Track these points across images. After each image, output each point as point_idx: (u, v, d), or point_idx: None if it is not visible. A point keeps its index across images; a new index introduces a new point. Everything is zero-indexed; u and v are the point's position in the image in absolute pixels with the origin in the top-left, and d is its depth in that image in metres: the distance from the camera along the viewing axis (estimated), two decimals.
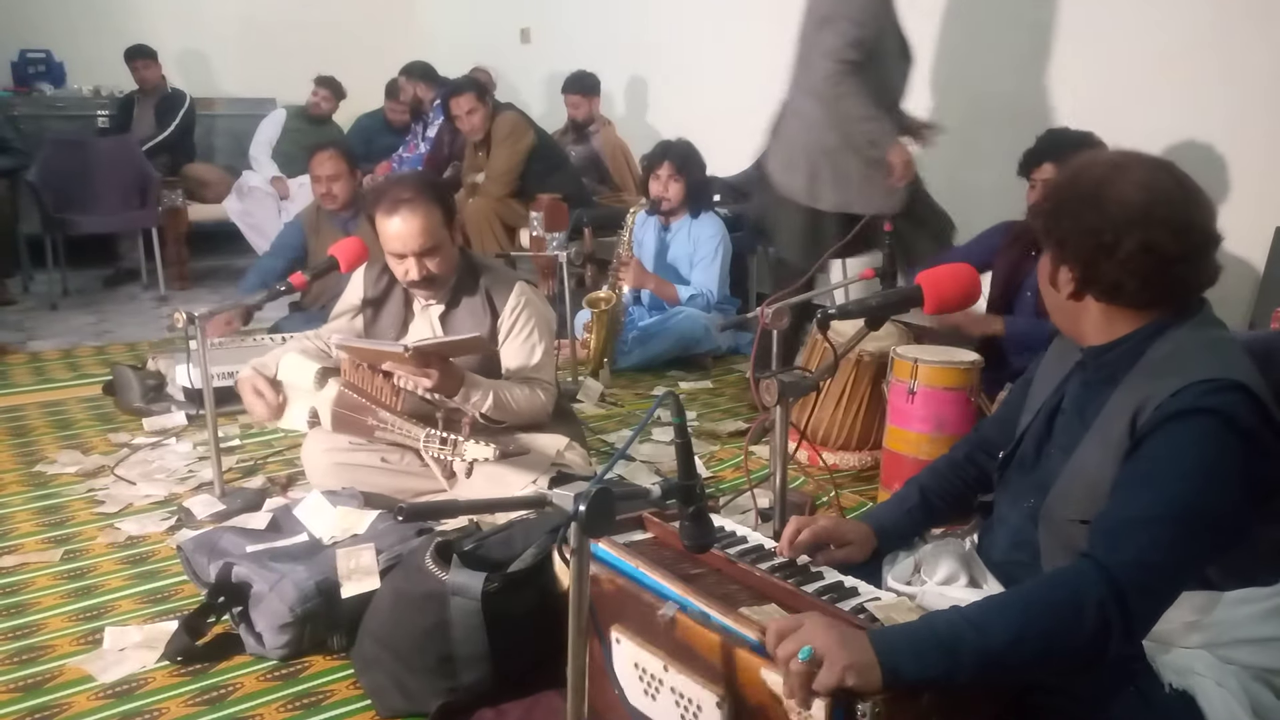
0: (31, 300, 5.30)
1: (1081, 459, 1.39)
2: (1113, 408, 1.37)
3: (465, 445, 2.17)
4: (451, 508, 1.36)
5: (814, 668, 1.14)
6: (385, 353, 2.26)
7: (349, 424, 2.41)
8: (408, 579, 1.82)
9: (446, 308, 2.52)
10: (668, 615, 1.34)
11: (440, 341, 2.35)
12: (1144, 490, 1.25)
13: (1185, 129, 3.34)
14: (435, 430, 2.22)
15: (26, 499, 2.72)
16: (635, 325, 4.08)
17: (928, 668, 1.16)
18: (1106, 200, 1.33)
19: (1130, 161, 1.38)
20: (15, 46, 6.28)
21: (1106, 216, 1.33)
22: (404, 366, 2.24)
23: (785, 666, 1.17)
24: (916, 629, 1.22)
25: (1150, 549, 1.21)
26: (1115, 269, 1.33)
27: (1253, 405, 1.26)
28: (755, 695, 1.24)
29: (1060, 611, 1.19)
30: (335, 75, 6.12)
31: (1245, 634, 1.33)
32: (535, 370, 2.48)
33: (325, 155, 4.01)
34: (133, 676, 1.88)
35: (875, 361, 2.89)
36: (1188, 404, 1.25)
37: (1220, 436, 1.24)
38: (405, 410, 2.33)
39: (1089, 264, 1.35)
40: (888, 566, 1.65)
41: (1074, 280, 1.38)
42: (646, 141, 4.54)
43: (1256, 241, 3.19)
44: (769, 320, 2.32)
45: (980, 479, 1.69)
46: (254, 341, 3.63)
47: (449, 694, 1.72)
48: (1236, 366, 1.30)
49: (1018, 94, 3.82)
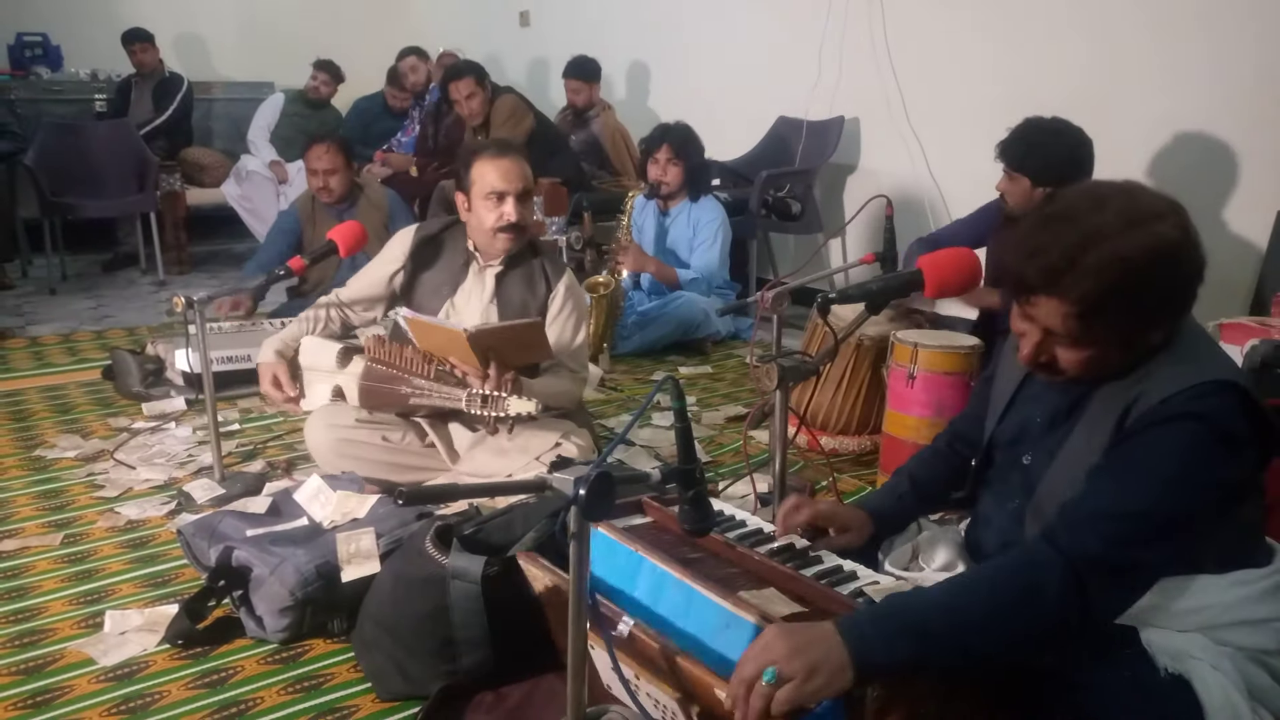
0: (30, 285, 5.30)
1: (1068, 459, 1.40)
2: (1098, 405, 1.37)
3: (509, 401, 2.17)
4: (452, 492, 1.36)
5: (776, 689, 1.12)
6: (446, 331, 2.29)
7: (379, 396, 2.42)
8: (408, 563, 1.82)
9: (505, 268, 2.58)
10: (623, 634, 1.33)
11: (498, 326, 2.38)
12: (1119, 485, 1.25)
13: (1185, 115, 3.32)
14: (477, 390, 2.23)
15: (26, 483, 2.72)
16: (634, 310, 4.08)
17: (898, 653, 1.16)
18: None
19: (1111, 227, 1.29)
20: (12, 29, 6.24)
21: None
22: (465, 365, 2.28)
23: (745, 688, 1.14)
24: (881, 614, 1.21)
25: (1113, 543, 1.22)
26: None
27: (1241, 404, 1.27)
28: (718, 708, 1.22)
29: (1025, 596, 1.20)
30: (334, 59, 6.09)
31: (1239, 616, 1.33)
32: (574, 353, 2.57)
33: (322, 149, 3.98)
34: (133, 660, 1.89)
35: (875, 346, 2.89)
36: (1177, 409, 1.25)
37: (1204, 444, 1.24)
38: (436, 376, 2.34)
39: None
40: (884, 553, 1.65)
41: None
42: (646, 126, 4.53)
43: (1258, 225, 3.19)
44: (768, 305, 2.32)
45: (965, 467, 1.70)
46: (253, 326, 3.63)
47: (449, 677, 1.73)
48: (1223, 362, 1.32)
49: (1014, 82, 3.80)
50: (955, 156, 4.09)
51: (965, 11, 4.02)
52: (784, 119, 4.88)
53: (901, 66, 4.26)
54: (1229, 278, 3.22)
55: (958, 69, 4.07)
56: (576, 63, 5.34)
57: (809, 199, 4.60)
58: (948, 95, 4.13)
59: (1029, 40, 3.80)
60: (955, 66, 4.08)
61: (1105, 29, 3.55)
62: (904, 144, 4.30)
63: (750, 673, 1.14)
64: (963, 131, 3.98)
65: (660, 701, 1.32)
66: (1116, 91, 3.49)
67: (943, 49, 4.13)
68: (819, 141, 4.64)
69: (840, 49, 4.55)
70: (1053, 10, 3.71)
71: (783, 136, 4.86)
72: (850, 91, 4.55)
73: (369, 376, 2.42)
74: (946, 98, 4.13)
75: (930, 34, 4.17)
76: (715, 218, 4.16)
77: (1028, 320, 1.34)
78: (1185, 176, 3.35)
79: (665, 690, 1.29)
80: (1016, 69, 3.84)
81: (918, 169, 4.24)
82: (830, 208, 4.72)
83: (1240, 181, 3.25)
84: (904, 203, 4.12)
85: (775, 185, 4.55)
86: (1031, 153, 2.75)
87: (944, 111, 4.15)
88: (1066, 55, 3.67)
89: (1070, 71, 3.64)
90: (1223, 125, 3.26)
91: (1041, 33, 3.76)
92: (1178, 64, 3.35)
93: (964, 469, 1.69)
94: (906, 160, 4.29)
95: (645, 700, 1.35)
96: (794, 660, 1.13)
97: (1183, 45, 3.33)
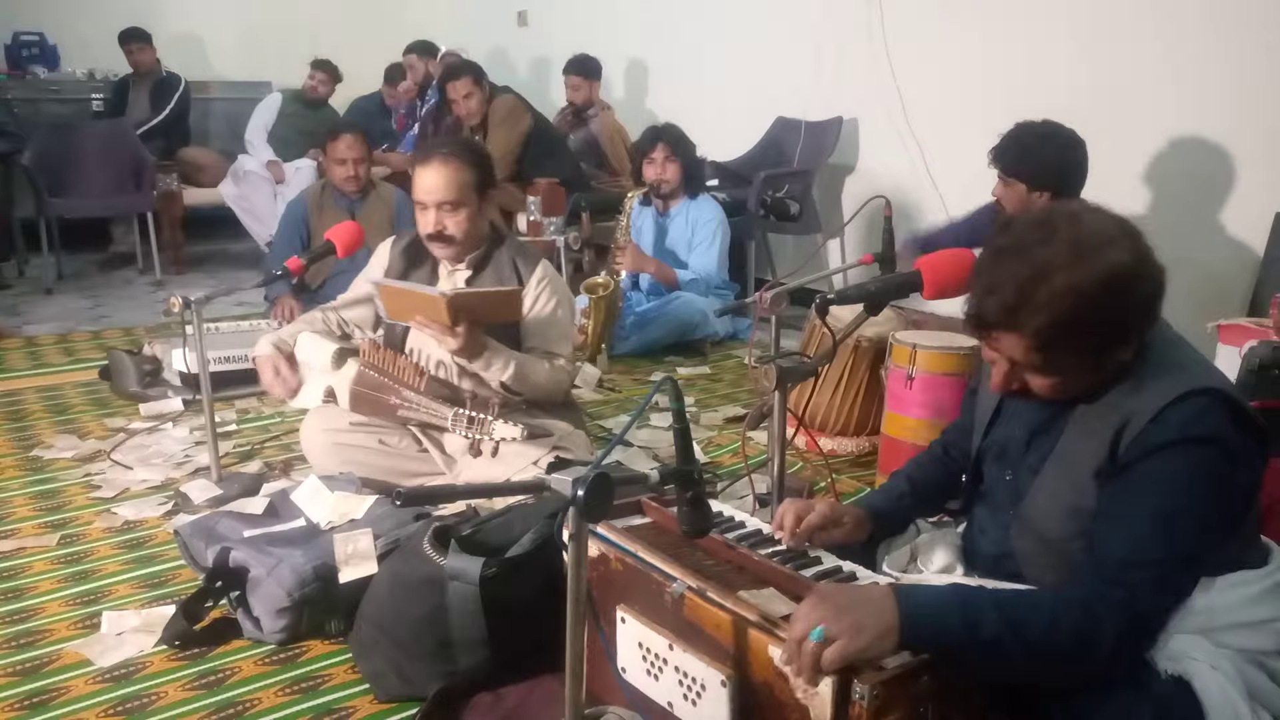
0: (26, 284, 5.28)
1: (1053, 479, 1.41)
2: (1078, 425, 1.38)
3: (494, 424, 2.16)
4: (450, 492, 1.36)
5: (825, 647, 1.15)
6: (421, 295, 2.26)
7: (369, 403, 2.41)
8: (406, 564, 1.82)
9: (474, 273, 2.53)
10: (677, 592, 1.35)
11: (478, 291, 2.36)
12: (1148, 530, 1.27)
13: (1185, 117, 3.33)
14: (463, 409, 2.22)
15: (23, 484, 2.71)
16: (633, 310, 4.07)
17: (945, 636, 1.19)
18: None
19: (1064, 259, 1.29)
20: (9, 29, 6.22)
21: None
22: (433, 323, 2.23)
23: (796, 646, 1.18)
24: (944, 594, 1.25)
25: (1161, 593, 1.26)
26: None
27: (1231, 412, 1.28)
28: (762, 673, 1.25)
29: (1082, 629, 1.22)
30: (331, 58, 6.08)
31: (1238, 618, 1.34)
32: (556, 345, 2.51)
33: (351, 138, 4.00)
34: (131, 660, 1.88)
35: (873, 347, 2.89)
36: (1175, 433, 1.27)
37: (1214, 465, 1.27)
38: (427, 391, 2.33)
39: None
40: (883, 554, 1.65)
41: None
42: (644, 126, 4.52)
43: (1257, 226, 3.19)
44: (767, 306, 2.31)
45: (960, 473, 1.70)
46: (250, 326, 3.62)
47: (447, 678, 1.73)
48: (1204, 367, 1.35)
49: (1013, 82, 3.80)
50: (954, 157, 4.08)
51: (964, 11, 4.02)
52: (782, 119, 4.87)
53: (900, 67, 4.26)
54: (1227, 280, 3.23)
55: (957, 69, 4.07)
56: (578, 60, 5.34)
57: (807, 199, 4.60)
58: (947, 95, 4.12)
59: (1028, 40, 3.80)
60: (954, 67, 4.08)
61: (1105, 29, 3.55)
62: (903, 144, 4.30)
63: (800, 631, 1.17)
64: (962, 132, 3.97)
65: (690, 674, 1.33)
66: (1116, 92, 3.49)
67: (941, 49, 4.13)
68: (817, 142, 4.64)
69: (839, 49, 4.55)
70: (1052, 11, 3.71)
71: (781, 137, 4.86)
72: (849, 92, 4.55)
73: (361, 382, 2.41)
74: (945, 98, 4.13)
75: (929, 34, 4.17)
76: (714, 218, 4.16)
77: (995, 352, 1.37)
78: (1184, 179, 3.35)
79: (701, 658, 1.30)
80: (1016, 69, 3.84)
81: (916, 170, 4.24)
82: (829, 208, 4.71)
83: (1239, 184, 3.25)
84: (903, 203, 4.12)
85: (774, 186, 4.55)
86: (1024, 157, 2.74)
87: (943, 112, 4.15)
88: (1066, 56, 3.67)
89: (1070, 72, 3.64)
90: (1222, 128, 3.26)
91: (1041, 33, 3.76)
92: (1177, 67, 3.35)
93: (960, 474, 1.70)
94: (905, 161, 4.29)
95: (669, 676, 1.35)
96: (841, 618, 1.16)
97: (1183, 48, 3.33)
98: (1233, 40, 3.21)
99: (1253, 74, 3.17)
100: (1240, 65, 3.19)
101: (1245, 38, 3.18)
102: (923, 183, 4.22)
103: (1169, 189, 3.40)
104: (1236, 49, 3.20)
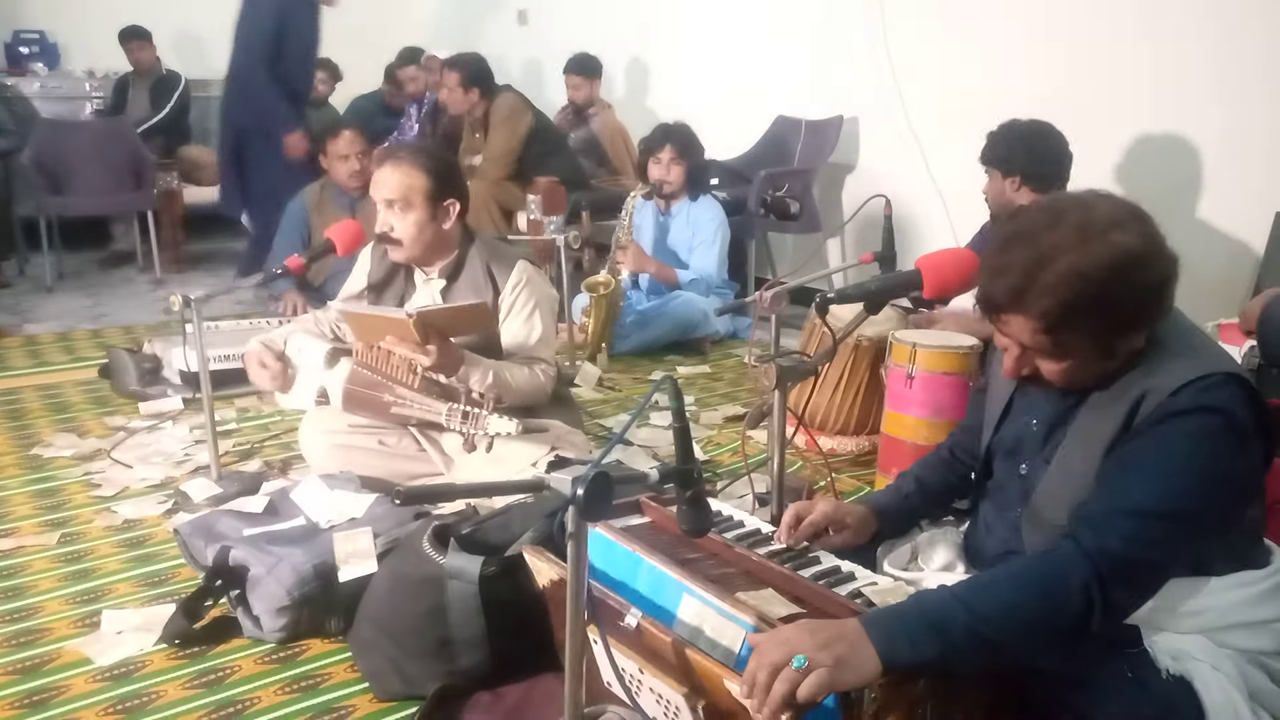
0: (26, 283, 5.28)
1: (1066, 461, 1.40)
2: (1092, 412, 1.38)
3: (489, 419, 2.15)
4: (449, 491, 1.36)
5: (804, 675, 1.13)
6: (387, 319, 2.24)
7: (362, 402, 2.40)
8: (405, 562, 1.82)
9: (448, 282, 2.51)
10: (631, 626, 1.33)
11: (445, 308, 2.34)
12: (1136, 482, 1.26)
13: (1185, 116, 3.33)
14: (458, 405, 2.21)
15: (23, 482, 2.71)
16: (633, 309, 4.07)
17: (922, 649, 1.17)
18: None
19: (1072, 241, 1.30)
20: (9, 27, 6.23)
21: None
22: (403, 342, 2.22)
23: (769, 674, 1.13)
24: (906, 611, 1.22)
25: (1135, 542, 1.23)
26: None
27: (1247, 396, 1.28)
28: (725, 701, 1.22)
29: (1047, 591, 1.21)
30: (331, 57, 6.07)
31: (1239, 618, 1.34)
32: (535, 349, 2.47)
33: (351, 135, 4.02)
34: (130, 659, 1.88)
35: (874, 346, 2.89)
36: (1188, 402, 1.26)
37: (1219, 436, 1.25)
38: (420, 388, 2.33)
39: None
40: (884, 553, 1.65)
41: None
42: (645, 125, 4.52)
43: (1255, 226, 3.19)
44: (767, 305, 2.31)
45: (968, 475, 1.70)
46: (250, 324, 3.62)
47: (446, 677, 1.73)
48: (1225, 355, 1.33)
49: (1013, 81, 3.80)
50: (954, 156, 4.07)
51: (964, 11, 4.02)
52: (783, 118, 4.87)
53: (901, 66, 4.25)
54: (1227, 279, 3.22)
55: (957, 68, 4.07)
56: (579, 59, 5.34)
57: (807, 198, 4.59)
58: (947, 95, 4.12)
59: (1028, 39, 3.80)
60: (954, 66, 4.08)
61: (1106, 29, 3.55)
62: (903, 144, 4.30)
63: (778, 658, 1.14)
64: (962, 131, 3.95)
65: (664, 697, 1.31)
66: (1117, 92, 3.49)
67: (942, 48, 4.12)
68: (818, 141, 4.64)
69: (839, 48, 4.54)
70: (1052, 10, 3.71)
71: (781, 136, 4.86)
72: (849, 91, 4.55)
73: (353, 380, 2.40)
74: (946, 97, 4.13)
75: (929, 33, 4.17)
76: (714, 217, 4.15)
77: (1005, 336, 1.37)
78: (1185, 179, 3.35)
79: (671, 685, 1.29)
80: (1016, 69, 3.84)
81: (916, 169, 4.23)
82: (829, 207, 4.71)
83: (1238, 183, 3.25)
84: (903, 202, 4.11)
85: (774, 185, 4.54)
86: (994, 144, 2.89)
87: (943, 111, 4.14)
88: (1066, 55, 3.67)
89: (1071, 72, 3.64)
90: (1221, 127, 3.26)
91: (1041, 33, 3.76)
92: (1177, 66, 3.35)
93: (968, 477, 1.70)
94: (905, 160, 4.29)
95: (647, 696, 1.35)
96: (822, 652, 1.14)
97: (1182, 47, 3.33)
98: (1234, 41, 3.21)
99: (1253, 74, 3.16)
100: (1241, 66, 3.19)
101: (1246, 38, 3.18)
102: (923, 182, 4.22)
103: (1169, 189, 3.39)
104: (1238, 49, 3.20)
